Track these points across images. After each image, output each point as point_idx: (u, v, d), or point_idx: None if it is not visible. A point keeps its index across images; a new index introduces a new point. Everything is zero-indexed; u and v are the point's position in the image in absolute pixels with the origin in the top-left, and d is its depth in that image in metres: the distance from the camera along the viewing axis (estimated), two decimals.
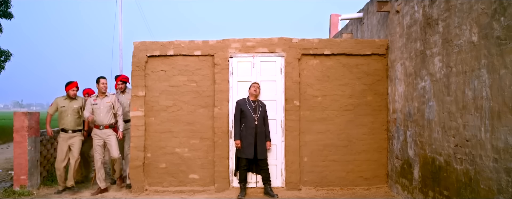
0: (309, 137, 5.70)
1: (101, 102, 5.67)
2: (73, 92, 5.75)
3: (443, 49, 3.95)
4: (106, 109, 5.65)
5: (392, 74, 5.51)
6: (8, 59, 13.08)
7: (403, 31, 5.03)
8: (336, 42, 5.72)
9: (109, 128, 5.68)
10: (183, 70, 5.74)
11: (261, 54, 5.70)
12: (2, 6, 12.64)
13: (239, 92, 5.68)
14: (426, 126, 4.35)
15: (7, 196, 5.40)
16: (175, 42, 5.71)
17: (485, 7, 3.25)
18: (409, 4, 4.80)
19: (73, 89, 5.77)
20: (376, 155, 5.71)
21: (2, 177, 6.84)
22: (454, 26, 3.73)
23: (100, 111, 5.64)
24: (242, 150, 5.33)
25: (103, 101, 5.67)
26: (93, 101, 5.69)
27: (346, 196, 5.36)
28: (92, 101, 5.69)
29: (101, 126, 5.63)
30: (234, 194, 5.45)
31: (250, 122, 5.33)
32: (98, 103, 5.67)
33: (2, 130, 15.35)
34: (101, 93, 5.71)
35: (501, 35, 3.04)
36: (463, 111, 3.58)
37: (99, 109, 5.64)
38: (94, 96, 5.75)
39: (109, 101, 5.69)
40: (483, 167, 3.26)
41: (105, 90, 5.70)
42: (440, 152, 4.00)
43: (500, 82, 3.05)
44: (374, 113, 5.72)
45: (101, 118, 5.63)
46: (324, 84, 5.72)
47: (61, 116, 5.72)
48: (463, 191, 3.55)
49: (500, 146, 3.03)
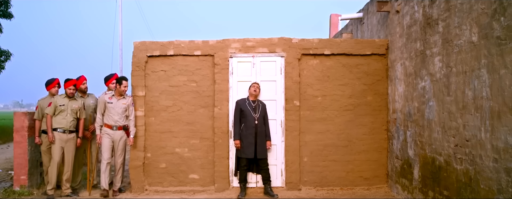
0: (309, 137, 5.70)
1: (117, 102, 5.41)
2: (70, 91, 5.39)
3: (443, 49, 3.95)
4: (121, 110, 5.41)
5: (392, 74, 5.51)
6: (8, 59, 13.06)
7: (403, 31, 5.03)
8: (336, 42, 5.72)
9: (122, 129, 5.45)
10: (183, 70, 5.74)
11: (261, 54, 5.70)
12: (2, 6, 12.63)
13: (239, 92, 5.68)
14: (426, 126, 4.35)
15: (7, 196, 5.39)
16: (175, 42, 5.71)
17: (485, 7, 3.25)
18: (409, 4, 4.80)
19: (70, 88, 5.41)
20: (376, 155, 5.71)
21: (2, 177, 6.84)
22: (454, 26, 3.73)
23: (115, 111, 5.38)
24: (242, 149, 5.33)
25: (119, 101, 5.42)
26: (109, 99, 5.41)
27: (346, 196, 5.36)
28: (107, 99, 5.41)
29: (114, 126, 5.39)
30: (234, 194, 5.45)
31: (250, 122, 5.33)
32: (113, 103, 5.40)
33: (2, 130, 15.34)
34: (119, 95, 5.45)
35: (501, 35, 3.04)
36: (463, 111, 3.58)
37: (114, 109, 5.38)
38: (109, 95, 5.46)
39: (126, 102, 5.45)
40: (483, 167, 3.26)
41: (125, 93, 5.47)
42: (440, 152, 4.00)
43: (500, 82, 3.05)
44: (374, 113, 5.72)
45: (115, 118, 5.39)
46: (324, 84, 5.72)
47: (58, 115, 5.36)
48: (463, 191, 3.55)
49: (500, 146, 3.03)
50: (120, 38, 18.68)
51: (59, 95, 5.51)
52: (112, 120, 5.39)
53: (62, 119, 5.36)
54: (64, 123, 5.36)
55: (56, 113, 5.39)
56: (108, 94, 5.50)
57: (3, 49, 12.81)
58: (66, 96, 5.45)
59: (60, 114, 5.38)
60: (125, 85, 5.44)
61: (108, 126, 5.40)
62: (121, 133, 5.45)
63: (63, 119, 5.36)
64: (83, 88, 5.75)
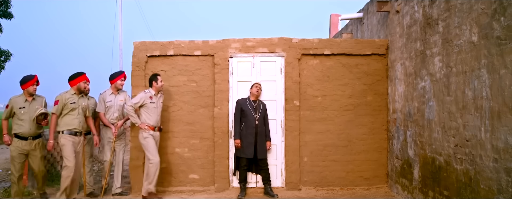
0: (309, 137, 5.70)
1: (157, 100, 5.23)
2: (86, 86, 4.97)
3: (443, 49, 3.95)
4: (160, 109, 5.30)
5: (392, 74, 5.51)
6: (8, 59, 13.06)
7: (403, 31, 5.03)
8: (336, 42, 5.72)
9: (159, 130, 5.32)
10: (183, 70, 5.74)
11: (261, 54, 5.70)
12: (2, 6, 12.63)
13: (239, 92, 5.68)
14: (426, 126, 4.35)
15: (7, 196, 5.39)
16: (175, 42, 5.71)
17: (485, 7, 3.25)
18: (409, 4, 4.80)
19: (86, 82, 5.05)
20: (376, 155, 5.71)
21: (2, 177, 6.84)
22: (454, 26, 3.73)
23: (157, 111, 5.20)
24: (242, 149, 5.33)
25: (159, 100, 5.28)
26: (150, 98, 5.16)
27: (346, 196, 5.36)
28: (149, 99, 5.15)
29: (156, 127, 5.21)
30: (234, 194, 5.45)
31: (250, 122, 5.33)
32: (155, 102, 5.20)
33: None
34: (157, 92, 5.26)
35: (501, 35, 3.03)
36: (463, 111, 3.58)
37: (157, 108, 5.20)
38: (149, 94, 5.18)
39: (162, 101, 5.36)
40: (483, 167, 3.25)
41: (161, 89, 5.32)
42: (440, 152, 4.00)
43: (500, 82, 3.05)
44: (374, 113, 5.72)
45: (157, 118, 5.20)
46: (324, 84, 5.72)
47: (67, 115, 4.87)
48: (463, 191, 3.55)
49: (500, 146, 3.03)
50: (120, 38, 18.69)
51: (66, 92, 4.95)
52: (154, 120, 5.19)
53: (73, 119, 4.86)
54: (76, 123, 4.88)
55: (65, 112, 4.84)
56: (147, 93, 5.19)
57: (3, 49, 12.81)
58: (74, 93, 4.94)
59: (70, 114, 4.86)
60: (161, 80, 5.25)
61: (151, 128, 5.16)
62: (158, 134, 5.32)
63: (74, 119, 4.87)
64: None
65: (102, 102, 5.37)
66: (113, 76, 5.46)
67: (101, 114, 5.35)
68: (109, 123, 5.33)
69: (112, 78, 5.45)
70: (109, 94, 5.41)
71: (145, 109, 5.16)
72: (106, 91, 5.45)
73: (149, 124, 5.15)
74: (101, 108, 5.36)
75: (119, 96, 5.45)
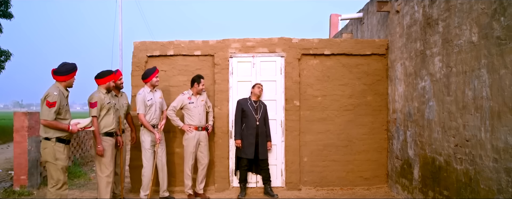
0: (309, 137, 5.70)
1: (197, 100, 5.22)
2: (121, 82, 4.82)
3: (443, 49, 3.95)
4: (203, 108, 5.26)
5: (392, 74, 5.51)
6: (8, 59, 13.08)
7: (403, 31, 5.03)
8: (336, 42, 5.72)
9: (205, 129, 5.29)
10: (183, 70, 5.74)
11: (261, 54, 5.70)
12: (2, 6, 12.65)
13: (239, 92, 5.68)
14: (426, 126, 4.35)
15: (7, 196, 5.39)
16: (175, 42, 5.71)
17: (485, 7, 3.25)
18: (409, 4, 4.80)
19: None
20: (376, 155, 5.71)
21: (2, 177, 6.84)
22: (454, 26, 3.73)
23: (198, 110, 5.20)
24: (243, 149, 5.33)
25: (198, 99, 5.24)
26: (188, 99, 5.18)
27: (346, 196, 5.36)
28: (187, 100, 5.18)
29: (200, 127, 5.20)
30: (234, 194, 5.45)
31: (251, 122, 5.33)
32: (195, 102, 5.19)
33: (2, 130, 15.35)
34: (196, 93, 5.24)
35: (501, 35, 3.04)
36: (463, 111, 3.58)
37: (197, 107, 5.19)
38: (187, 95, 5.20)
39: (203, 99, 5.30)
40: (483, 167, 3.26)
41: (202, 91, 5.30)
42: (440, 152, 4.00)
43: (500, 82, 3.05)
44: (374, 113, 5.72)
45: (200, 118, 5.21)
46: (324, 84, 5.72)
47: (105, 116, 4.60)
48: (463, 191, 3.55)
49: (500, 146, 3.03)
50: (120, 38, 18.69)
51: (98, 92, 4.62)
52: (197, 120, 5.19)
53: (112, 119, 4.65)
54: (114, 124, 4.68)
55: (102, 113, 4.57)
56: (186, 94, 5.21)
57: (3, 49, 12.82)
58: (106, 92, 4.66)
59: (107, 114, 4.61)
60: (203, 84, 5.22)
61: (194, 128, 5.17)
62: (204, 133, 5.27)
63: (113, 120, 4.66)
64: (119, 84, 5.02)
65: (143, 102, 4.98)
66: (147, 74, 5.08)
67: (141, 115, 4.98)
68: (151, 127, 5.02)
69: (146, 77, 5.08)
70: (147, 92, 5.05)
71: (186, 111, 5.21)
72: (144, 90, 5.06)
73: (191, 124, 5.18)
74: (142, 108, 4.99)
75: (157, 94, 5.17)
